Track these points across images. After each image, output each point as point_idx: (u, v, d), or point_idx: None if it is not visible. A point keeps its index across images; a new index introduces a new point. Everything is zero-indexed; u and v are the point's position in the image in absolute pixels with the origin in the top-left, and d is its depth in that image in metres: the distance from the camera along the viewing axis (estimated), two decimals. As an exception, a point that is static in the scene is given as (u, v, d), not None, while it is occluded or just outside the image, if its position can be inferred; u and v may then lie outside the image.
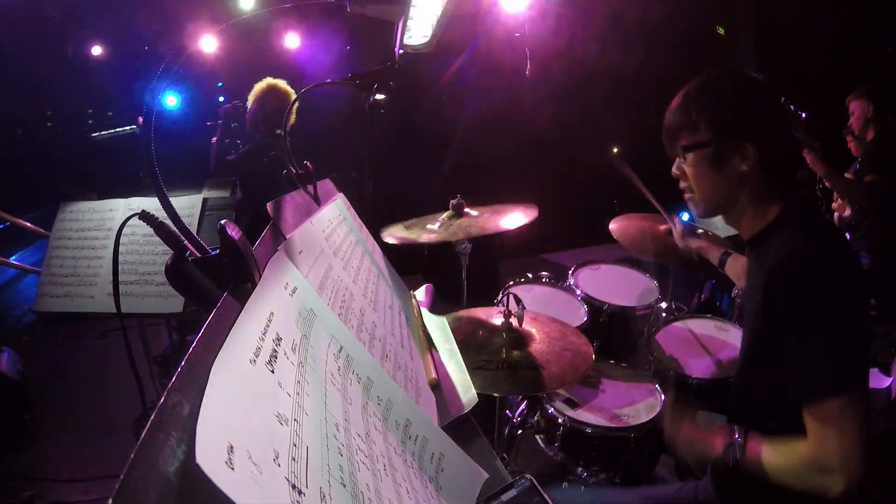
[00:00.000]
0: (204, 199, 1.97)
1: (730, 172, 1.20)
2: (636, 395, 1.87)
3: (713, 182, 1.23)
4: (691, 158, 1.24)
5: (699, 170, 1.24)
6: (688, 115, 1.22)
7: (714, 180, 1.23)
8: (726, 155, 1.19)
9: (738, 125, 1.19)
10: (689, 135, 1.23)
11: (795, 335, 1.09)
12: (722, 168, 1.21)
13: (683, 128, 1.23)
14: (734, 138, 1.18)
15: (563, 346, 1.61)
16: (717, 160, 1.21)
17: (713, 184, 1.24)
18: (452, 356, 1.23)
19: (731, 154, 1.19)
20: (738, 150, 1.18)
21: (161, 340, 3.06)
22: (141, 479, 0.42)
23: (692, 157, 1.24)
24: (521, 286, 2.53)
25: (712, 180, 1.23)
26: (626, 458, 1.74)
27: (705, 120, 1.20)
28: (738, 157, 1.19)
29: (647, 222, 2.45)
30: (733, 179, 1.21)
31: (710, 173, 1.22)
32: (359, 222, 1.43)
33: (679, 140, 1.25)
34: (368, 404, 0.75)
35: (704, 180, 1.24)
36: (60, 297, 1.84)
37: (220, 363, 0.51)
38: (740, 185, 1.22)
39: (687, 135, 1.23)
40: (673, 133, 1.26)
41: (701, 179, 1.25)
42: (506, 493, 0.70)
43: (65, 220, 1.95)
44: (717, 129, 1.19)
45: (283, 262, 0.76)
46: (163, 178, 0.72)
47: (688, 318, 2.32)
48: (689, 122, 1.22)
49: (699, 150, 1.22)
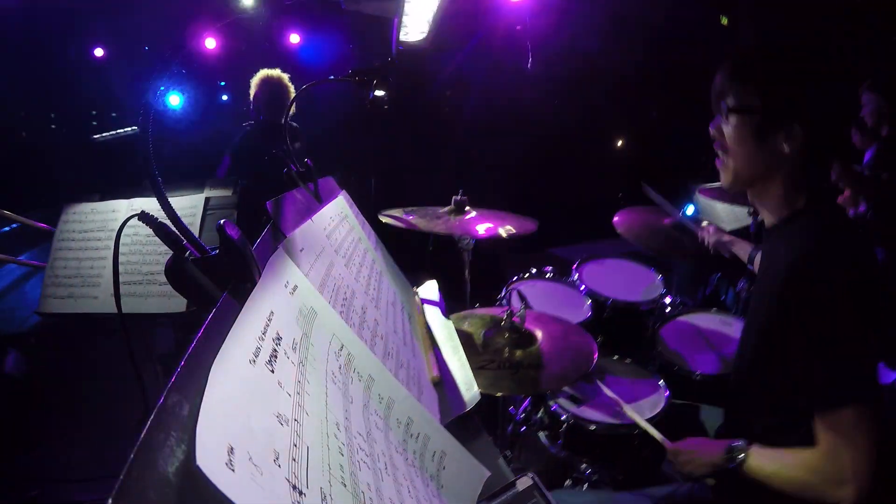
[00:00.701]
0: (206, 198, 1.97)
1: (770, 148, 1.13)
2: (640, 391, 1.87)
3: (751, 153, 1.15)
4: (734, 121, 1.16)
5: (739, 135, 1.16)
6: (742, 75, 1.15)
7: (752, 151, 1.15)
8: (772, 129, 1.12)
9: (792, 102, 1.11)
10: (738, 96, 1.14)
11: (810, 342, 1.06)
12: (764, 141, 1.13)
13: (734, 87, 1.15)
14: (785, 115, 1.11)
15: (565, 345, 1.61)
16: (761, 132, 1.13)
17: (750, 154, 1.16)
18: (455, 353, 1.23)
19: (777, 130, 1.12)
20: (785, 129, 1.11)
21: (167, 340, 3.08)
22: (140, 479, 0.42)
23: (735, 120, 1.16)
24: (524, 281, 2.53)
25: (750, 150, 1.15)
26: (630, 455, 1.74)
27: (759, 86, 1.12)
28: (783, 136, 1.11)
29: (651, 216, 2.44)
30: (772, 157, 1.14)
31: (749, 142, 1.15)
32: (361, 219, 1.43)
33: (725, 97, 1.17)
34: (370, 403, 0.75)
35: (742, 148, 1.16)
36: (64, 299, 1.85)
37: (220, 363, 0.51)
38: (778, 164, 1.15)
39: (735, 95, 1.15)
40: (721, 89, 1.18)
41: (739, 146, 1.17)
42: (508, 491, 0.70)
43: (68, 222, 1.96)
44: (769, 100, 1.11)
45: (284, 260, 0.76)
46: (164, 178, 0.72)
47: (692, 313, 2.31)
48: (741, 83, 1.14)
49: (744, 116, 1.14)
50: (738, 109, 1.15)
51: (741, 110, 1.14)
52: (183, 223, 0.72)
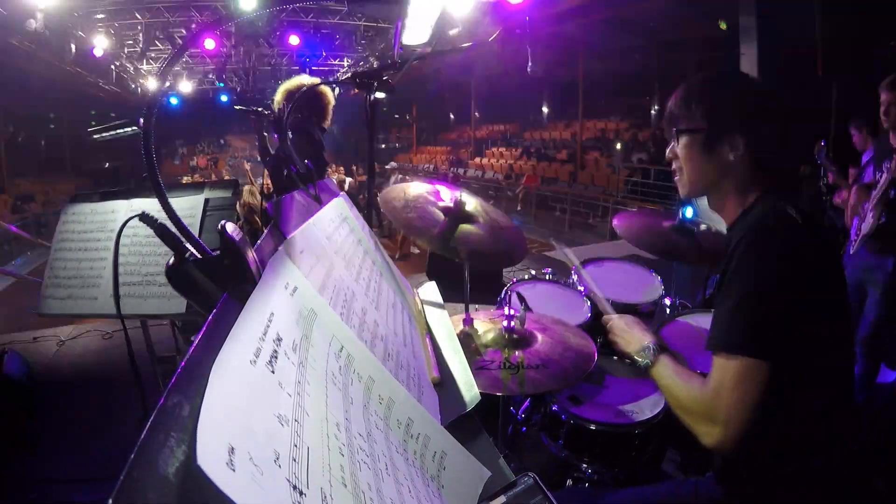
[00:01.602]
0: (206, 199, 1.97)
1: (718, 159, 1.30)
2: (640, 391, 1.87)
3: (700, 166, 1.34)
4: (684, 141, 1.35)
5: (689, 153, 1.35)
6: (687, 103, 1.34)
7: (702, 164, 1.33)
8: (716, 143, 1.30)
9: (729, 118, 1.29)
10: (686, 121, 1.34)
11: (724, 290, 1.19)
12: (711, 154, 1.31)
13: (682, 114, 1.34)
14: (725, 129, 1.29)
15: (565, 346, 1.61)
16: (708, 146, 1.31)
17: (700, 167, 1.34)
18: (455, 354, 1.23)
19: (721, 143, 1.29)
20: (728, 140, 1.28)
21: (167, 341, 3.08)
22: (140, 479, 0.42)
23: (685, 140, 1.35)
24: (524, 283, 2.53)
25: (700, 164, 1.34)
26: (631, 455, 1.74)
27: (701, 110, 1.31)
28: (727, 147, 1.29)
29: (651, 219, 2.44)
30: (720, 166, 1.31)
31: (698, 157, 1.33)
32: (361, 221, 1.43)
33: (677, 124, 1.36)
34: (370, 403, 0.75)
35: (693, 163, 1.35)
36: (64, 300, 1.84)
37: (221, 364, 0.51)
38: (726, 172, 1.31)
39: (684, 121, 1.34)
40: (672, 117, 1.37)
41: (690, 162, 1.35)
42: (509, 491, 0.70)
43: (67, 223, 1.95)
44: (711, 119, 1.30)
45: (284, 261, 0.76)
46: (163, 179, 0.72)
47: (692, 314, 2.30)
48: (687, 109, 1.33)
49: (692, 135, 1.33)
50: (687, 131, 1.34)
51: (689, 131, 1.33)
52: (184, 224, 0.72)
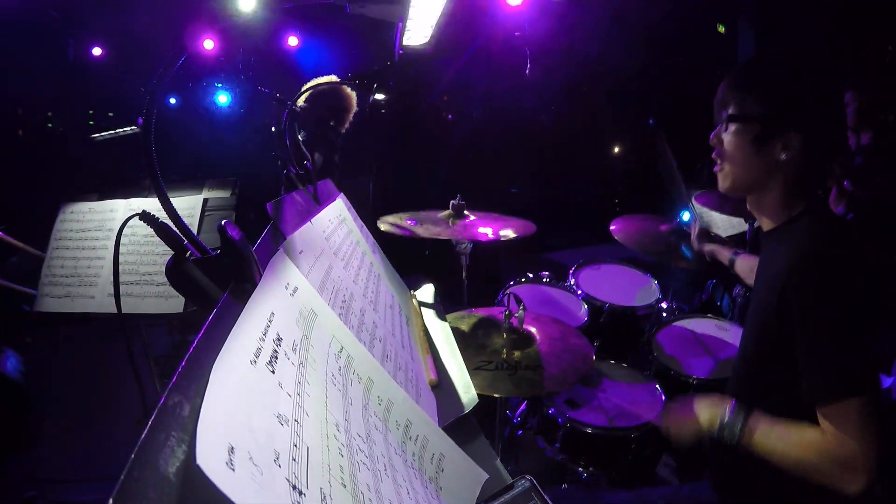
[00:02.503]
0: (204, 199, 1.97)
1: (767, 155, 1.17)
2: (637, 395, 1.87)
3: (748, 159, 1.19)
4: (733, 129, 1.20)
5: (737, 143, 1.20)
6: (743, 85, 1.19)
7: (749, 158, 1.19)
8: (769, 137, 1.15)
9: (791, 113, 1.14)
10: (738, 105, 1.18)
11: (812, 337, 1.06)
12: (761, 149, 1.17)
13: (735, 96, 1.19)
14: (782, 123, 1.14)
15: (563, 347, 1.61)
16: (758, 139, 1.16)
17: (748, 161, 1.19)
18: (453, 356, 1.23)
19: (775, 138, 1.15)
20: (783, 137, 1.14)
21: (163, 340, 3.07)
22: (141, 479, 0.42)
23: (734, 128, 1.20)
24: (521, 286, 2.53)
25: (748, 157, 1.19)
26: (627, 459, 1.74)
27: (758, 95, 1.16)
28: (781, 144, 1.15)
29: (647, 222, 2.45)
30: (769, 164, 1.17)
31: (747, 150, 1.18)
32: (359, 222, 1.43)
33: (727, 106, 1.21)
34: (369, 404, 0.75)
35: (740, 155, 1.20)
36: (61, 298, 1.84)
37: (221, 364, 0.51)
38: (774, 171, 1.18)
39: (735, 105, 1.19)
40: (723, 98, 1.22)
41: (737, 153, 1.20)
42: (506, 493, 0.70)
43: (65, 221, 1.95)
44: (768, 110, 1.15)
45: (284, 262, 0.76)
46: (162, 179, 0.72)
47: (688, 318, 2.32)
48: (741, 92, 1.18)
49: (743, 124, 1.18)
50: (738, 118, 1.18)
51: (741, 119, 1.18)
52: (184, 223, 0.72)
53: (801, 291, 1.07)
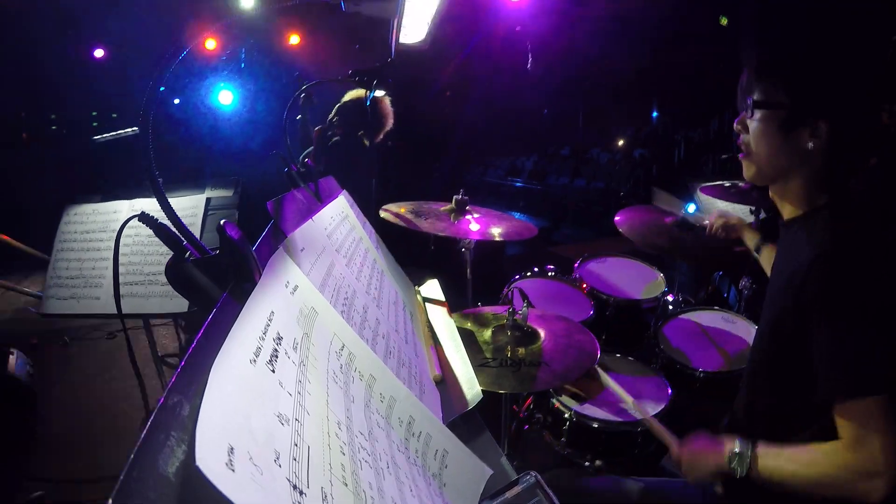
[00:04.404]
0: (207, 199, 1.97)
1: (794, 144, 1.13)
2: (643, 388, 1.86)
3: (774, 147, 1.15)
4: (759, 115, 1.16)
5: (764, 130, 1.16)
6: (769, 70, 1.15)
7: (776, 146, 1.15)
8: (797, 125, 1.12)
9: (819, 100, 1.11)
10: (765, 91, 1.14)
11: (831, 332, 1.04)
12: (787, 136, 1.13)
13: (760, 82, 1.15)
14: (811, 111, 1.10)
15: (568, 343, 1.61)
16: (786, 127, 1.13)
17: (773, 149, 1.16)
18: (457, 352, 1.22)
19: (803, 126, 1.11)
20: (811, 125, 1.11)
21: (171, 340, 3.08)
22: (141, 479, 0.42)
23: (760, 115, 1.16)
24: (526, 280, 2.52)
25: (774, 145, 1.15)
26: (633, 452, 1.74)
27: (787, 82, 1.12)
28: (808, 132, 1.11)
29: (653, 215, 2.43)
30: (795, 152, 1.13)
31: (773, 137, 1.15)
32: (362, 219, 1.42)
33: (751, 92, 1.17)
34: (371, 402, 0.74)
35: (766, 143, 1.16)
36: (67, 300, 1.85)
37: (220, 363, 0.51)
38: (801, 160, 1.14)
39: (762, 91, 1.15)
40: (748, 84, 1.18)
41: (762, 141, 1.16)
42: (511, 489, 0.70)
43: (69, 223, 1.96)
44: (796, 96, 1.11)
45: (284, 260, 0.75)
46: (165, 178, 0.71)
47: (694, 311, 2.30)
48: (768, 78, 1.14)
49: (770, 110, 1.14)
50: (765, 104, 1.15)
51: (767, 105, 1.14)
52: (183, 224, 0.72)
53: (821, 288, 1.04)
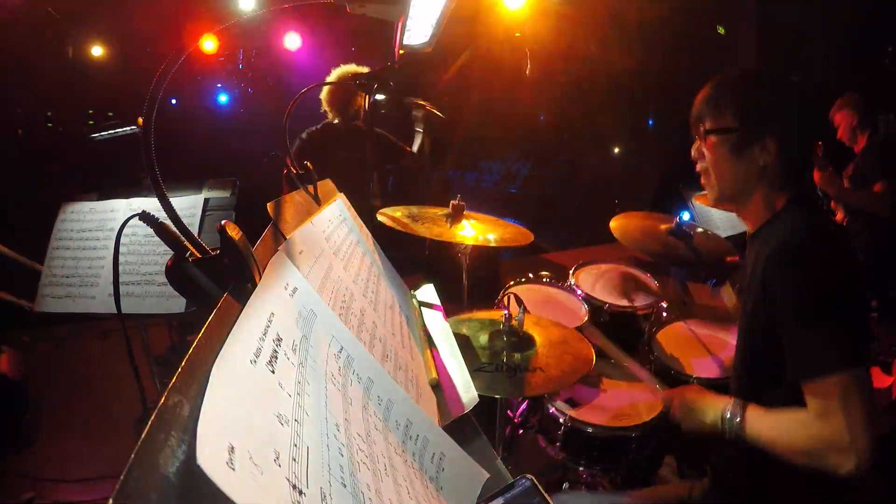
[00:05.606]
0: (205, 199, 1.97)
1: (747, 162, 1.24)
2: (637, 394, 1.87)
3: (730, 168, 1.27)
4: (712, 141, 1.28)
5: (718, 154, 1.28)
6: (717, 100, 1.26)
7: (731, 167, 1.27)
8: (747, 145, 1.23)
9: (763, 119, 1.23)
10: (715, 119, 1.26)
11: (791, 317, 1.11)
12: (740, 157, 1.25)
13: (711, 111, 1.27)
14: (758, 131, 1.22)
15: (563, 349, 1.61)
16: (737, 148, 1.24)
17: (730, 170, 1.27)
18: (453, 356, 1.23)
19: (752, 145, 1.23)
20: (759, 143, 1.22)
21: (162, 340, 3.07)
22: (141, 479, 0.42)
23: (713, 141, 1.27)
24: (521, 286, 2.53)
25: (730, 167, 1.27)
26: (628, 458, 1.74)
27: (733, 108, 1.24)
28: (758, 149, 1.23)
29: (647, 222, 2.45)
30: (751, 170, 1.25)
31: (728, 159, 1.26)
32: (359, 222, 1.43)
33: (704, 122, 1.29)
34: (369, 404, 0.75)
35: (722, 166, 1.28)
36: (62, 298, 1.84)
37: (221, 363, 0.51)
38: (757, 176, 1.25)
39: (712, 119, 1.27)
40: (700, 115, 1.30)
41: (719, 164, 1.28)
42: (507, 493, 0.70)
43: (65, 221, 1.95)
44: (743, 119, 1.23)
45: (284, 262, 0.76)
46: (163, 178, 0.72)
47: (689, 318, 2.31)
48: (717, 107, 1.26)
49: (721, 136, 1.26)
50: (717, 131, 1.26)
51: (719, 131, 1.26)
52: (183, 223, 0.72)
53: (782, 274, 1.12)
